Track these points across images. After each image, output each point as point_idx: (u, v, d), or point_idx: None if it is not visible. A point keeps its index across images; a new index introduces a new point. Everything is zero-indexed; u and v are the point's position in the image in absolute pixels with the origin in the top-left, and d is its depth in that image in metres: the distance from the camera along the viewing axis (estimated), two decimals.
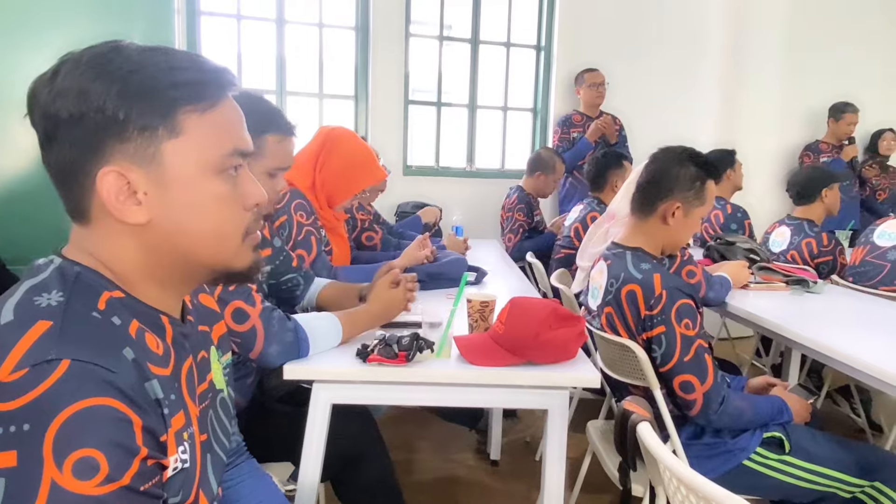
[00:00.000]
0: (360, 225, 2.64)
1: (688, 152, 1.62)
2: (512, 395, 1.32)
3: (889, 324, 1.87)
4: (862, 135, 4.56)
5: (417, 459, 2.55)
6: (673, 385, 1.48)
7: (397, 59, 3.93)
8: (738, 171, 3.48)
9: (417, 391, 1.30)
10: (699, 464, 1.50)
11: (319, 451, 1.30)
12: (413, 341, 1.31)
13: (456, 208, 3.68)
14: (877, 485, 1.45)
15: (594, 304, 1.70)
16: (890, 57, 4.74)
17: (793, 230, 2.81)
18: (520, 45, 4.31)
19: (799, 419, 1.58)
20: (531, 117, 4.42)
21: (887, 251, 2.35)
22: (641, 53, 4.30)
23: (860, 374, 1.49)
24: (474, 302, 1.49)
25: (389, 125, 3.94)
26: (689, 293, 1.49)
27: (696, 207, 1.60)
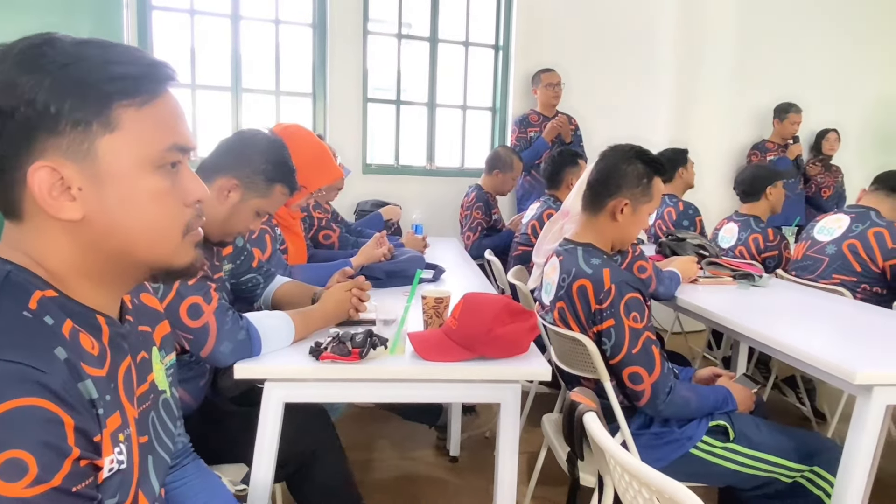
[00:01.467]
0: (318, 223, 2.62)
1: (635, 150, 1.66)
2: (465, 390, 1.33)
3: (828, 316, 1.95)
4: (806, 134, 4.74)
5: (376, 458, 2.55)
6: (622, 376, 1.51)
7: (355, 56, 3.92)
8: (689, 170, 3.58)
9: (371, 388, 1.31)
10: (648, 453, 1.55)
11: (272, 451, 1.29)
12: (367, 338, 1.31)
13: (416, 207, 3.70)
14: (815, 469, 1.52)
15: (547, 299, 1.73)
16: (831, 60, 4.94)
17: (740, 226, 2.91)
18: (478, 45, 4.34)
19: (743, 408, 1.63)
20: (490, 116, 4.46)
21: (826, 245, 2.46)
22: (597, 54, 4.38)
23: (802, 364, 1.55)
24: (429, 298, 1.50)
25: (348, 123, 3.93)
26: (637, 287, 1.53)
27: (643, 204, 1.65)
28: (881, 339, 1.71)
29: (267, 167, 1.44)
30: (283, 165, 1.49)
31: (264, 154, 1.45)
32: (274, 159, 1.46)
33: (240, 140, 1.48)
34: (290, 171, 1.51)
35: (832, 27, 4.91)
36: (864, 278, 2.35)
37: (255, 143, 1.47)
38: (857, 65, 5.01)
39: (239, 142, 1.47)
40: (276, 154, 1.48)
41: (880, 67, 5.08)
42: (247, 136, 1.50)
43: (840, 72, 4.97)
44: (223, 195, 1.40)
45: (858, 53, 5.00)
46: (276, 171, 1.46)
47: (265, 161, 1.44)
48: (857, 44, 4.98)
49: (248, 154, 1.44)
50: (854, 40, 4.97)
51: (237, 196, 1.41)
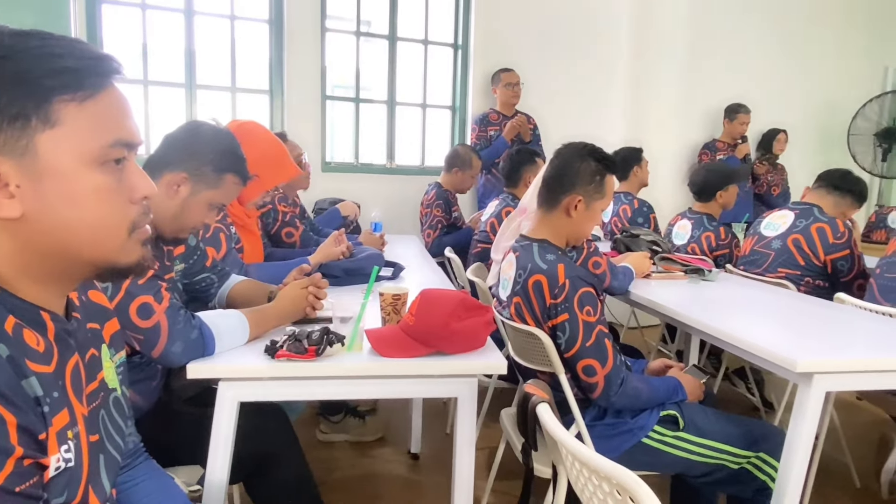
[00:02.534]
0: (282, 218, 2.57)
1: (588, 148, 1.70)
2: (422, 385, 1.34)
3: (773, 308, 2.03)
4: (754, 134, 4.91)
5: (337, 457, 2.54)
6: (576, 369, 1.55)
7: (313, 53, 3.88)
8: (644, 169, 3.67)
9: (328, 385, 1.30)
10: (602, 443, 1.58)
11: (227, 451, 1.28)
12: (323, 336, 1.31)
13: (375, 205, 3.68)
14: (761, 455, 1.58)
15: (504, 294, 1.75)
16: (777, 63, 5.13)
17: (693, 224, 3.00)
18: (437, 43, 4.35)
19: (693, 397, 1.69)
20: (450, 115, 4.47)
21: (772, 241, 2.55)
22: (554, 55, 4.45)
23: (748, 354, 1.61)
24: (386, 295, 1.51)
25: (306, 121, 3.89)
26: (590, 282, 1.56)
27: (596, 200, 1.68)
28: (822, 329, 1.79)
29: (215, 157, 1.42)
30: (232, 154, 1.46)
31: (211, 144, 1.43)
32: (221, 148, 1.44)
33: (185, 132, 1.45)
34: (240, 160, 1.48)
35: (778, 31, 5.10)
36: (807, 272, 2.45)
37: (200, 134, 1.45)
38: (801, 67, 5.21)
39: (184, 134, 1.44)
40: (223, 143, 1.46)
41: (823, 70, 5.29)
42: (192, 127, 1.47)
43: (786, 74, 5.16)
44: (173, 190, 1.37)
45: (802, 57, 5.20)
46: (224, 160, 1.43)
47: (213, 151, 1.42)
48: (800, 48, 5.18)
49: (194, 146, 1.41)
50: (798, 44, 5.17)
51: (187, 190, 1.38)
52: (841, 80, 5.36)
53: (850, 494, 2.39)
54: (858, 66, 5.40)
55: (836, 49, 5.31)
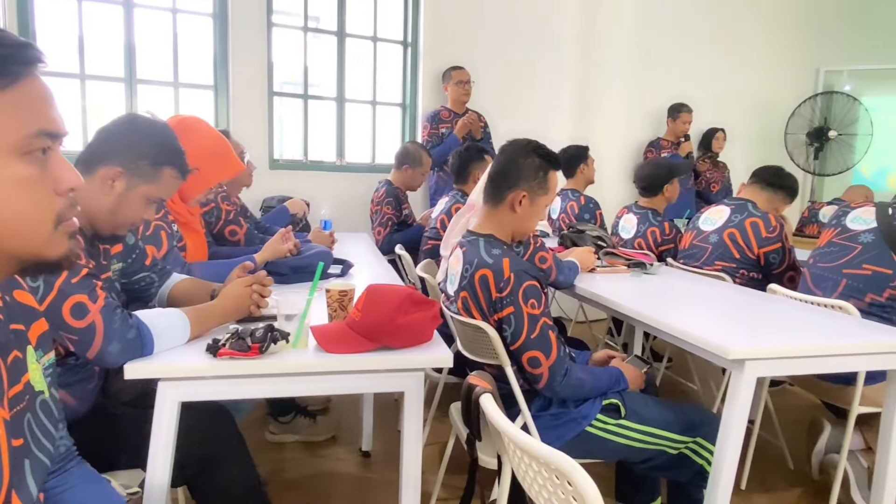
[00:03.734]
0: (225, 216, 2.53)
1: (532, 145, 1.73)
2: (368, 381, 1.34)
3: (709, 299, 2.11)
4: (696, 133, 5.08)
5: (287, 458, 2.51)
6: (522, 361, 1.58)
7: (259, 49, 3.82)
8: (590, 166, 3.76)
9: (272, 383, 1.29)
10: (548, 433, 1.62)
11: (167, 453, 1.25)
12: (267, 333, 1.29)
13: (325, 202, 3.65)
14: (698, 440, 1.64)
15: (452, 289, 1.77)
16: (719, 64, 5.33)
17: (639, 219, 3.09)
18: (386, 40, 4.34)
19: (634, 386, 1.74)
20: (400, 112, 4.47)
21: (709, 235, 2.66)
22: (504, 54, 4.50)
23: (685, 343, 1.67)
24: (333, 292, 1.50)
25: (253, 117, 3.82)
26: (534, 275, 1.59)
27: (540, 196, 1.72)
28: (754, 318, 1.87)
29: (151, 150, 1.38)
30: (169, 147, 1.43)
31: (147, 137, 1.39)
32: (158, 141, 1.41)
33: (119, 126, 1.40)
34: (178, 153, 1.45)
35: (717, 35, 5.29)
36: (742, 264, 2.56)
37: (135, 126, 1.41)
38: (739, 70, 5.42)
39: (118, 127, 1.39)
40: (159, 136, 1.42)
41: (760, 72, 5.52)
42: (126, 120, 1.42)
43: (725, 76, 5.37)
44: (108, 185, 1.33)
45: (741, 59, 5.42)
46: (161, 153, 1.40)
47: (148, 144, 1.38)
48: (739, 51, 5.39)
49: (128, 139, 1.37)
50: (737, 47, 5.38)
51: (123, 184, 1.34)
52: (777, 81, 5.61)
53: (784, 476, 2.51)
54: (793, 69, 5.66)
55: (772, 52, 5.55)
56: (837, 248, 2.14)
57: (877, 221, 2.05)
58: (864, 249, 2.05)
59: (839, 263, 2.11)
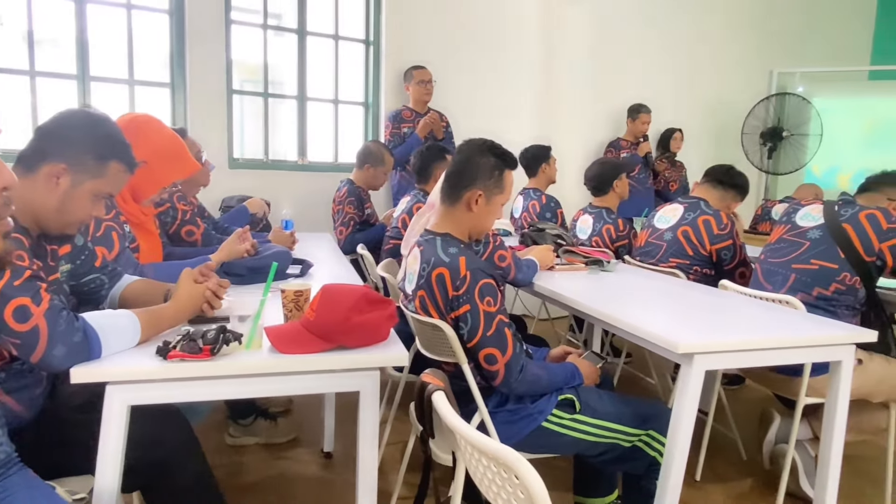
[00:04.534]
0: (181, 216, 2.48)
1: (488, 144, 1.75)
2: (323, 381, 1.34)
3: (663, 296, 2.16)
4: (654, 133, 5.19)
5: (247, 461, 2.48)
6: (479, 358, 1.59)
7: (218, 46, 3.76)
8: (552, 166, 3.80)
9: (224, 385, 1.27)
10: (505, 429, 1.64)
11: (116, 458, 1.23)
12: (219, 334, 1.28)
13: (287, 202, 3.62)
14: (650, 432, 1.68)
15: (410, 288, 1.77)
16: (677, 66, 5.45)
17: (594, 217, 3.15)
18: (348, 39, 4.32)
19: (589, 381, 1.77)
20: (363, 111, 4.45)
21: (664, 232, 2.72)
22: (466, 54, 4.52)
23: (638, 339, 1.71)
24: (288, 292, 1.49)
25: (211, 116, 3.76)
26: (490, 273, 1.61)
27: (496, 195, 1.73)
28: (705, 314, 1.92)
29: (95, 144, 1.35)
30: (113, 140, 1.39)
31: (89, 131, 1.36)
32: (101, 135, 1.37)
33: (58, 121, 1.36)
34: (123, 145, 1.41)
35: (675, 37, 5.41)
36: (695, 261, 2.63)
37: (75, 121, 1.37)
38: (696, 71, 5.56)
39: (58, 123, 1.35)
40: (101, 129, 1.38)
41: (716, 74, 5.67)
42: (66, 116, 1.38)
43: (683, 77, 5.49)
44: (52, 183, 1.30)
45: (698, 61, 5.55)
46: (105, 147, 1.37)
47: (91, 138, 1.35)
48: (696, 53, 5.52)
49: (70, 134, 1.34)
50: (694, 50, 5.51)
51: (68, 181, 1.31)
52: (733, 83, 5.76)
53: (737, 467, 2.58)
54: (748, 71, 5.82)
55: (728, 54, 5.70)
56: (787, 244, 2.22)
57: (824, 218, 2.13)
58: (812, 245, 2.13)
59: (788, 259, 2.18)
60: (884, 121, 5.76)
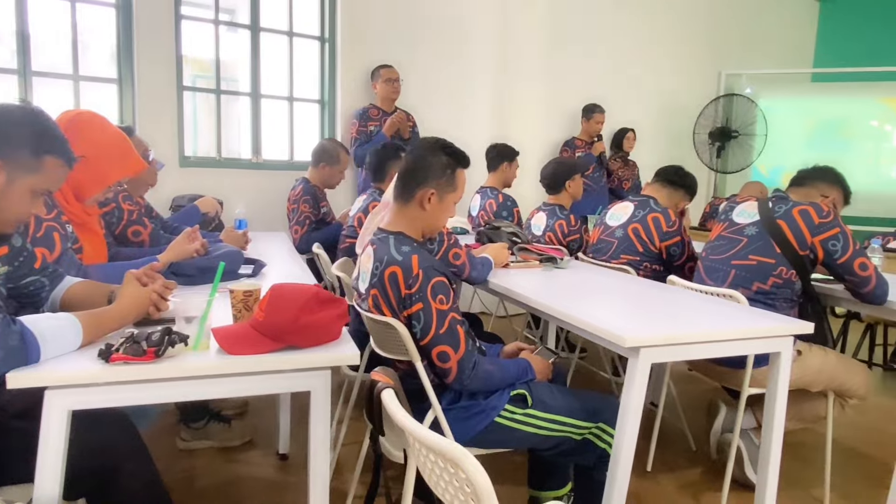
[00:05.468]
0: (127, 217, 2.42)
1: (440, 143, 1.76)
2: (273, 381, 1.32)
3: (613, 291, 2.20)
4: (608, 132, 5.29)
5: (200, 465, 2.44)
6: (432, 356, 1.60)
7: (167, 41, 3.67)
8: (513, 168, 3.85)
9: (170, 388, 1.25)
10: (458, 425, 1.65)
11: (57, 465, 1.19)
12: (164, 336, 1.25)
13: (241, 201, 3.55)
14: (600, 425, 1.72)
15: (363, 287, 1.77)
16: (630, 67, 5.58)
17: (547, 214, 3.21)
18: (303, 36, 4.27)
19: (541, 377, 1.80)
20: (319, 108, 4.41)
21: (616, 230, 2.78)
22: (423, 53, 4.53)
23: (587, 333, 1.74)
24: (237, 292, 1.47)
25: (160, 113, 3.67)
26: (442, 271, 1.62)
27: (448, 193, 1.75)
28: (652, 308, 1.97)
29: (30, 139, 1.30)
30: (48, 134, 1.35)
31: (22, 126, 1.31)
32: (36, 129, 1.33)
33: None
34: (59, 140, 1.37)
35: (628, 39, 5.54)
36: (645, 257, 2.70)
37: (8, 115, 1.32)
38: (649, 72, 5.69)
39: None
40: (36, 124, 1.34)
41: (668, 74, 5.82)
42: None
43: (636, 78, 5.62)
44: None
45: (650, 62, 5.69)
46: (41, 141, 1.32)
47: (26, 133, 1.31)
48: (648, 54, 5.66)
49: (3, 129, 1.29)
50: (646, 51, 5.65)
51: (3, 178, 1.27)
52: (684, 84, 5.92)
53: (686, 457, 2.67)
54: (698, 72, 6.00)
55: (679, 56, 5.86)
56: (726, 241, 2.30)
57: (759, 215, 2.21)
58: (749, 241, 2.21)
59: (728, 255, 2.26)
60: (826, 121, 6.01)
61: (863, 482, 2.49)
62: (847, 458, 2.70)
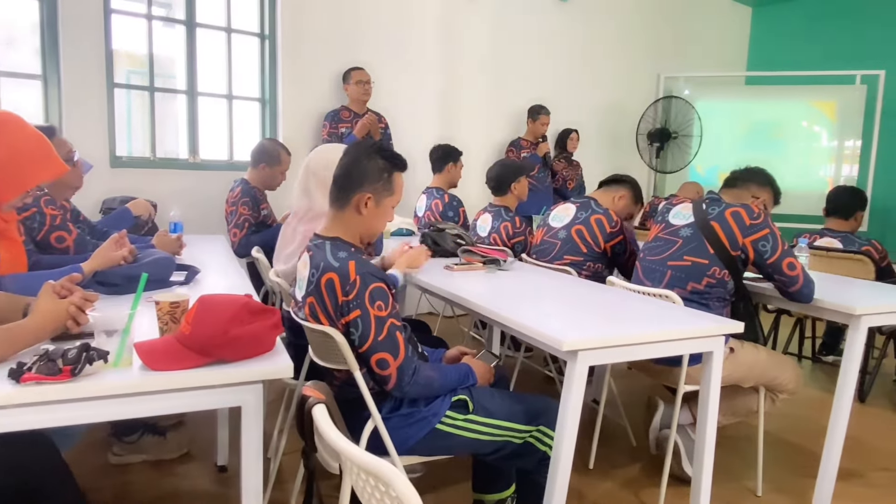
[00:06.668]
0: (50, 222, 2.29)
1: (376, 146, 1.73)
2: (201, 398, 1.27)
3: (555, 293, 2.22)
4: (553, 133, 5.36)
5: (134, 481, 2.34)
6: (371, 364, 1.57)
7: (96, 36, 3.50)
8: (458, 168, 3.85)
9: (88, 408, 1.18)
10: (399, 433, 1.63)
11: None
12: (82, 353, 1.18)
13: (177, 203, 3.43)
14: (541, 428, 1.73)
15: (300, 294, 1.72)
16: (574, 69, 5.66)
17: (493, 216, 3.22)
18: (242, 32, 4.15)
19: (483, 381, 1.80)
20: (259, 107, 4.30)
21: (558, 231, 2.81)
22: (366, 52, 4.46)
23: (527, 337, 1.75)
24: (163, 304, 1.41)
25: (89, 111, 3.50)
26: (381, 277, 1.59)
27: (386, 198, 1.72)
28: (590, 310, 2.00)
29: None
30: None
31: None
32: None
33: None
34: None
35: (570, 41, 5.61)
36: (588, 258, 2.74)
37: None
38: (591, 74, 5.79)
39: None
40: None
41: (609, 76, 5.94)
42: None
43: (579, 80, 5.71)
44: None
45: (593, 65, 5.79)
46: None
47: None
48: (591, 57, 5.76)
49: None
50: (589, 54, 5.74)
51: None
52: (625, 86, 6.06)
53: (627, 453, 2.72)
54: (639, 74, 6.14)
55: (620, 59, 5.98)
56: (662, 242, 2.35)
57: (694, 217, 2.27)
58: (684, 242, 2.27)
59: (664, 256, 2.31)
60: (759, 122, 6.26)
61: (793, 472, 2.60)
62: (778, 449, 2.81)
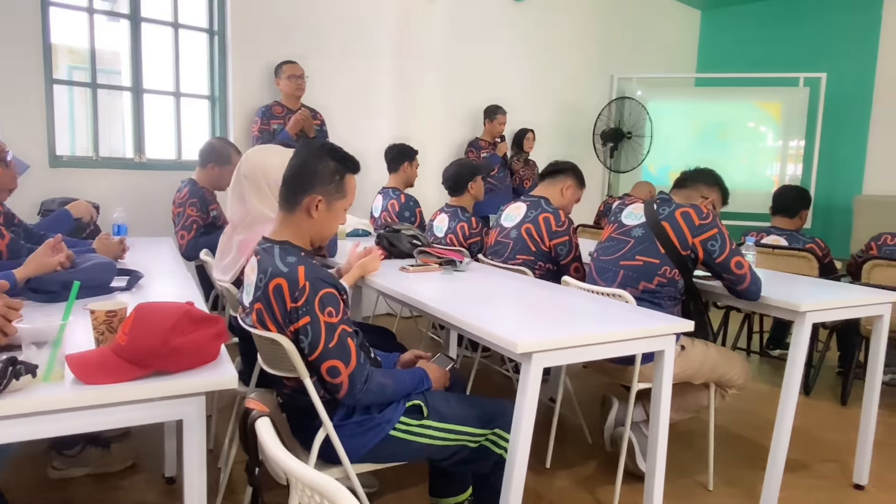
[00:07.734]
0: None
1: (326, 148, 1.68)
2: (138, 412, 1.20)
3: (509, 294, 2.20)
4: (509, 133, 5.38)
5: (76, 495, 2.23)
6: (321, 371, 1.53)
7: (32, 30, 3.34)
8: (414, 168, 3.81)
9: (15, 426, 1.11)
10: (352, 441, 1.60)
11: None
12: (7, 367, 1.11)
13: (121, 204, 3.29)
14: (496, 431, 1.72)
15: (247, 300, 1.67)
16: (530, 70, 5.70)
17: (449, 216, 3.20)
18: (190, 27, 4.02)
19: (438, 385, 1.78)
20: (209, 105, 4.18)
21: (511, 231, 2.82)
22: (320, 49, 4.39)
23: (482, 339, 1.72)
24: (98, 312, 1.33)
25: (25, 108, 3.33)
26: (331, 283, 1.55)
27: (337, 200, 1.67)
28: (544, 311, 1.99)
29: None
30: None
31: None
32: None
33: None
34: None
35: (526, 41, 5.65)
36: (538, 257, 2.75)
37: None
38: (547, 74, 5.84)
39: None
40: None
41: (564, 77, 6.00)
42: None
43: (535, 81, 5.75)
44: None
45: (548, 66, 5.84)
46: None
47: None
48: (546, 58, 5.81)
49: None
50: (545, 55, 5.79)
51: None
52: (580, 86, 6.13)
53: (583, 451, 2.74)
54: (593, 75, 6.23)
55: (575, 60, 6.05)
56: (615, 242, 2.38)
57: (645, 217, 2.30)
58: (636, 242, 2.29)
59: (617, 256, 2.34)
60: (708, 123, 6.43)
61: (743, 464, 2.67)
62: (728, 444, 2.88)
